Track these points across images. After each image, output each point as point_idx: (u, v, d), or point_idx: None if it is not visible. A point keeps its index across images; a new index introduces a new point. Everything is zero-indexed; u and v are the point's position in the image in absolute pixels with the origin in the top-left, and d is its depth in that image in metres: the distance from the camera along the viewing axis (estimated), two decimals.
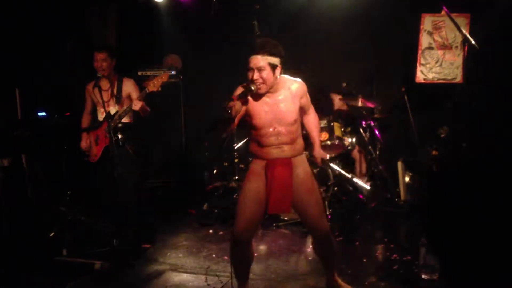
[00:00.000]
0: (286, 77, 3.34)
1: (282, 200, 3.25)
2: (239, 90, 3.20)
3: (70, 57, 6.52)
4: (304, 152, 3.50)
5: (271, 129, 3.27)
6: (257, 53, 3.12)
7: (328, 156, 3.53)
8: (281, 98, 3.26)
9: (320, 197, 3.46)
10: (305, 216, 3.41)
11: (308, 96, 3.46)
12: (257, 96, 3.25)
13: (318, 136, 3.69)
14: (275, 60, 3.15)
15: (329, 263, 3.63)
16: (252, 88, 3.14)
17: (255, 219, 3.34)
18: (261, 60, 3.12)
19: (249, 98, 3.21)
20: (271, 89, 3.24)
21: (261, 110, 3.26)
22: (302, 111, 3.48)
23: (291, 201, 3.31)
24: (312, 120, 3.63)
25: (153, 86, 4.52)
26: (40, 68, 6.42)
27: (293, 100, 3.28)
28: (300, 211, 3.41)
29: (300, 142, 3.40)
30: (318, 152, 3.67)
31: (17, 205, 4.93)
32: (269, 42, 3.17)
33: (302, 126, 3.57)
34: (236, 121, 3.23)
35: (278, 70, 3.19)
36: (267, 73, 3.13)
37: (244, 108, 3.22)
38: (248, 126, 3.37)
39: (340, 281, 3.71)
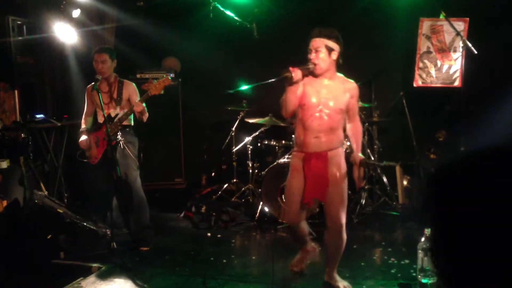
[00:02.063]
0: (344, 76, 3.69)
1: (316, 189, 3.61)
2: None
3: (69, 58, 6.51)
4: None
5: (317, 111, 3.55)
6: (316, 36, 3.51)
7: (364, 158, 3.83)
8: (334, 86, 3.60)
9: (345, 193, 3.70)
10: (327, 206, 3.69)
11: (358, 103, 3.80)
12: (314, 79, 3.59)
13: (359, 143, 3.86)
14: (332, 44, 3.51)
15: (334, 256, 3.79)
16: (310, 66, 3.51)
17: (301, 208, 3.74)
18: (318, 42, 3.50)
19: (306, 80, 3.57)
20: (327, 74, 3.58)
21: (314, 90, 3.57)
22: (349, 114, 3.74)
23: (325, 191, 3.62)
24: (356, 127, 3.83)
25: (155, 89, 4.53)
26: (39, 70, 6.42)
27: (344, 93, 3.60)
28: (325, 200, 3.70)
29: (339, 135, 3.67)
30: (357, 156, 3.77)
31: (14, 207, 4.92)
32: (327, 28, 3.56)
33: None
34: (297, 101, 3.56)
35: (334, 54, 3.52)
36: (323, 54, 3.49)
37: (301, 90, 3.56)
38: (299, 107, 3.64)
39: (338, 277, 3.84)
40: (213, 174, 7.00)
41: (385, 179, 5.93)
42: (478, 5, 5.52)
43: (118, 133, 4.61)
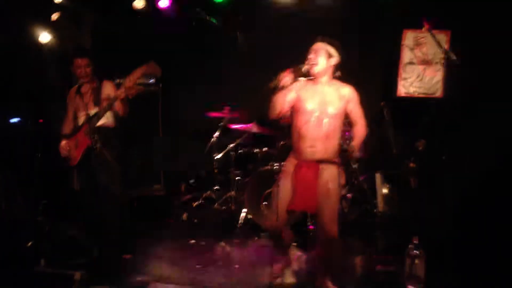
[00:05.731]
0: (339, 82, 3.76)
1: (305, 199, 3.62)
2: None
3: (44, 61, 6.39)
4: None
5: (313, 117, 3.60)
6: (318, 41, 3.68)
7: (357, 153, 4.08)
8: (330, 92, 3.67)
9: (337, 204, 3.71)
10: (318, 217, 3.70)
11: (359, 107, 3.79)
12: (309, 84, 3.70)
13: (358, 142, 3.83)
14: (332, 51, 3.65)
15: (328, 266, 3.76)
16: (306, 66, 3.61)
17: (285, 213, 3.71)
18: (320, 45, 3.66)
19: (301, 85, 3.69)
20: (323, 79, 3.68)
21: (309, 95, 3.65)
22: (351, 119, 3.81)
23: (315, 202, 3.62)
24: (358, 130, 3.83)
25: (129, 81, 4.47)
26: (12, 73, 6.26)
27: (340, 99, 3.66)
28: (313, 212, 3.80)
29: (334, 145, 3.69)
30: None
31: None
32: (330, 37, 3.70)
33: None
34: (288, 106, 3.67)
35: (332, 60, 3.65)
36: (322, 57, 3.63)
37: (294, 95, 3.65)
38: (293, 112, 3.72)
39: (330, 285, 3.77)
40: (192, 181, 6.91)
41: (365, 187, 5.98)
42: (460, 18, 5.66)
43: (95, 135, 4.49)
